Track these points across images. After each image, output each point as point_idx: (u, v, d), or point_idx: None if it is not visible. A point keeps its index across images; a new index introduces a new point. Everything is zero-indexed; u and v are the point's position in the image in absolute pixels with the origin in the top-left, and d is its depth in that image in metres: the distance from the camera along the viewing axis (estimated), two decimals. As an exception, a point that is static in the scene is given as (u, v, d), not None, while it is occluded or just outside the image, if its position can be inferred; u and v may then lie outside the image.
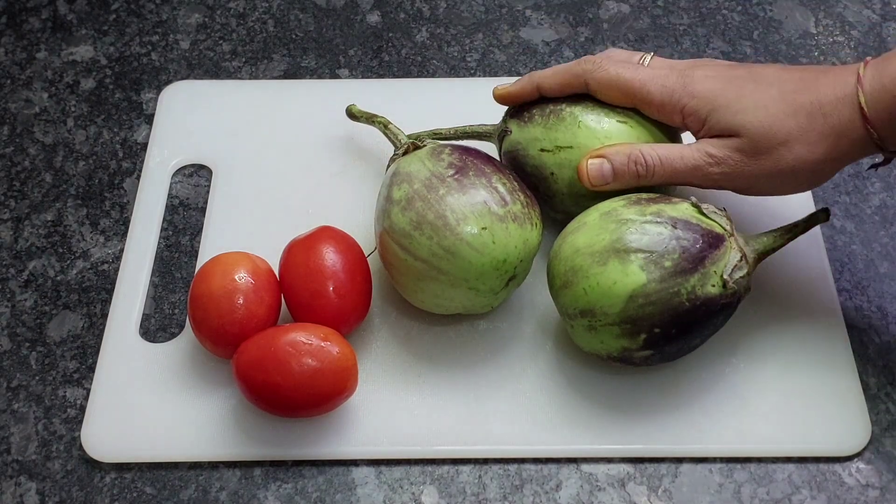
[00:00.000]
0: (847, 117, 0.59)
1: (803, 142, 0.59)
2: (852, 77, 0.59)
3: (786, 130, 0.60)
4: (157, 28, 0.86)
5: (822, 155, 0.60)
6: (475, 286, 0.62)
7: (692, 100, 0.62)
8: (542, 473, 0.62)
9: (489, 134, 0.71)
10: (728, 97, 0.61)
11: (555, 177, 0.66)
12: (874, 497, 0.61)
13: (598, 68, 0.65)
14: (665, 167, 0.63)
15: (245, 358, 0.60)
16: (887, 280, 0.70)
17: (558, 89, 0.67)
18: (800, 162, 0.60)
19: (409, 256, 0.62)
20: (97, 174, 0.77)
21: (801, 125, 0.59)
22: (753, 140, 0.60)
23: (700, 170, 0.62)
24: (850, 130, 0.59)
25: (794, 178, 0.61)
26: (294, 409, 0.61)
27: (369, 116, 0.73)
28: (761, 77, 0.62)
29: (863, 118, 0.58)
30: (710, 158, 0.62)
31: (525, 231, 0.62)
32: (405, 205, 0.62)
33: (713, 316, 0.60)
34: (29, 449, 0.64)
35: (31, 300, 0.70)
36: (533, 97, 0.68)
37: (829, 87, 0.59)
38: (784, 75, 0.61)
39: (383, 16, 0.87)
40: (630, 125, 0.65)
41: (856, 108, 0.58)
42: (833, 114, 0.59)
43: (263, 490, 0.62)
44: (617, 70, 0.64)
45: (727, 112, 0.61)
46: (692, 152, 0.62)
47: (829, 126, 0.59)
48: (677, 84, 0.63)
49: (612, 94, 0.65)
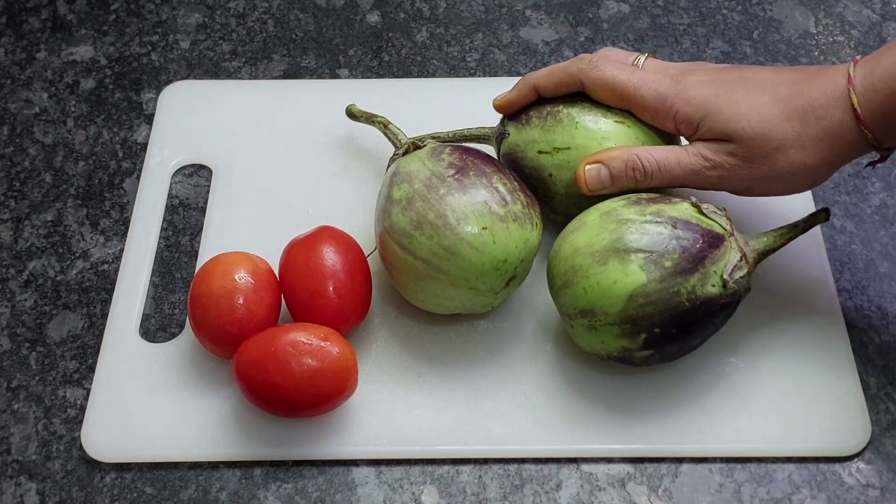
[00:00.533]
0: (840, 119, 0.58)
1: (798, 146, 0.59)
2: (843, 78, 0.59)
3: (780, 135, 0.59)
4: (157, 28, 0.86)
5: (817, 158, 0.59)
6: (475, 286, 0.62)
7: (685, 106, 0.62)
8: (542, 473, 0.62)
9: (487, 137, 0.71)
10: (720, 103, 0.61)
11: (553, 178, 0.66)
12: (874, 497, 0.61)
13: (593, 68, 0.65)
14: (662, 171, 0.63)
15: (245, 358, 0.60)
16: (887, 280, 0.70)
17: (554, 88, 0.66)
18: (795, 166, 0.60)
19: (410, 256, 0.62)
20: (97, 174, 0.77)
21: (794, 129, 0.59)
22: (747, 145, 0.60)
23: (697, 173, 0.62)
24: (844, 132, 0.59)
25: (791, 180, 0.61)
26: (294, 409, 0.61)
27: (369, 116, 0.73)
28: (753, 82, 0.61)
29: (856, 119, 0.58)
30: (706, 162, 0.62)
31: (525, 231, 0.62)
32: (405, 204, 0.62)
33: (713, 316, 0.60)
34: (29, 449, 0.64)
35: (31, 300, 0.70)
36: (532, 99, 0.68)
37: (821, 89, 0.59)
38: (776, 79, 0.61)
39: (383, 16, 0.87)
40: (627, 125, 0.65)
41: (848, 109, 0.58)
42: (826, 116, 0.59)
43: (263, 490, 0.62)
44: (612, 71, 0.64)
45: (719, 118, 0.61)
46: (689, 156, 0.62)
47: (822, 129, 0.59)
48: (670, 90, 0.63)
49: (606, 95, 0.65)
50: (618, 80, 0.64)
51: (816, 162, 0.60)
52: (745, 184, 0.62)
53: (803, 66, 0.73)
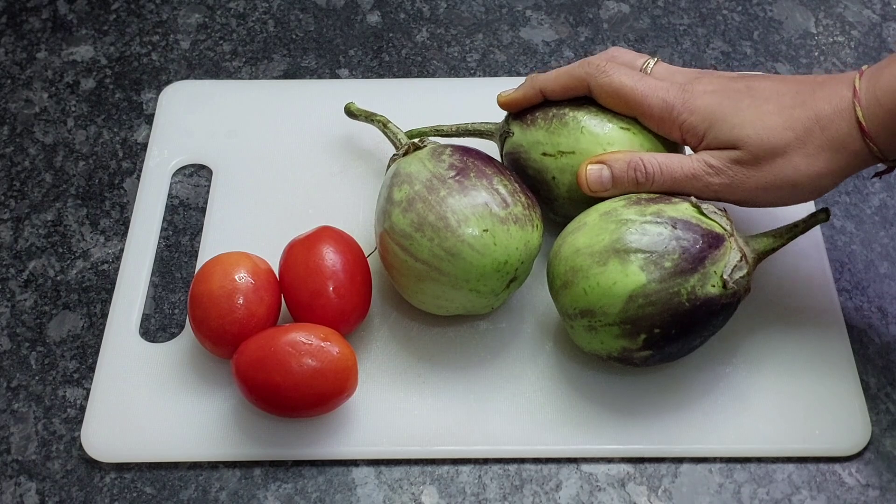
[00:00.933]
0: (845, 131, 0.58)
1: (802, 154, 0.59)
2: (848, 90, 0.59)
3: (784, 142, 0.59)
4: (158, 28, 0.86)
5: (821, 167, 0.59)
6: (476, 287, 0.62)
7: (691, 116, 0.62)
8: (541, 473, 0.62)
9: (490, 133, 0.71)
10: (725, 112, 0.61)
11: (556, 181, 0.66)
12: (874, 497, 0.61)
13: (601, 73, 0.65)
14: (664, 175, 0.63)
15: (245, 358, 0.60)
16: (887, 280, 0.70)
17: (561, 92, 0.66)
18: (799, 174, 0.60)
19: (410, 257, 0.62)
20: (97, 174, 0.77)
21: (799, 137, 0.59)
22: (752, 152, 0.60)
23: (699, 179, 0.62)
24: (848, 143, 0.59)
25: (795, 189, 0.61)
26: (294, 409, 0.61)
27: (368, 115, 0.73)
28: (758, 91, 0.61)
29: (861, 131, 0.58)
30: (709, 168, 0.62)
31: (526, 233, 0.62)
32: (406, 206, 0.62)
33: (713, 316, 0.60)
34: (29, 449, 0.64)
35: (31, 300, 0.70)
36: (537, 101, 0.67)
37: (826, 100, 0.59)
38: (782, 88, 0.61)
39: (383, 16, 0.87)
40: (633, 132, 0.65)
41: (853, 121, 0.58)
42: (830, 127, 0.59)
43: (263, 490, 0.62)
44: (620, 78, 0.64)
45: (724, 126, 0.61)
46: (692, 161, 0.62)
47: (827, 139, 0.59)
48: (677, 99, 0.63)
49: (613, 102, 0.65)
50: (625, 86, 0.64)
51: (821, 170, 0.59)
52: (748, 193, 0.61)
53: (809, 75, 0.73)
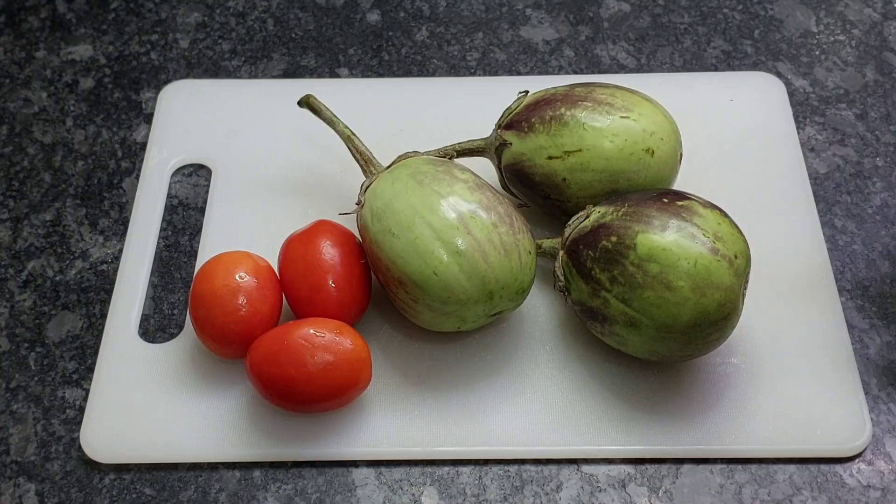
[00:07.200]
0: None
1: None
2: None
3: None
4: (157, 27, 0.86)
5: None
6: (461, 316, 0.62)
7: None
8: (542, 474, 0.62)
9: (482, 149, 0.69)
10: None
11: (567, 182, 0.65)
12: (875, 498, 0.61)
13: None
14: None
15: (258, 354, 0.60)
16: (888, 280, 0.70)
17: None
18: None
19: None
20: (96, 174, 0.77)
21: None
22: None
23: None
24: None
25: None
26: (309, 403, 0.61)
27: (331, 119, 0.70)
28: None
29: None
30: None
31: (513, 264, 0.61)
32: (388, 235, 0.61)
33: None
34: (28, 450, 0.64)
35: (30, 300, 0.70)
36: None
37: None
38: None
39: (383, 15, 0.86)
40: (633, 119, 0.65)
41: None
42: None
43: (263, 491, 0.62)
44: None
45: None
46: None
47: None
48: None
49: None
50: None
51: None
52: None
53: None
